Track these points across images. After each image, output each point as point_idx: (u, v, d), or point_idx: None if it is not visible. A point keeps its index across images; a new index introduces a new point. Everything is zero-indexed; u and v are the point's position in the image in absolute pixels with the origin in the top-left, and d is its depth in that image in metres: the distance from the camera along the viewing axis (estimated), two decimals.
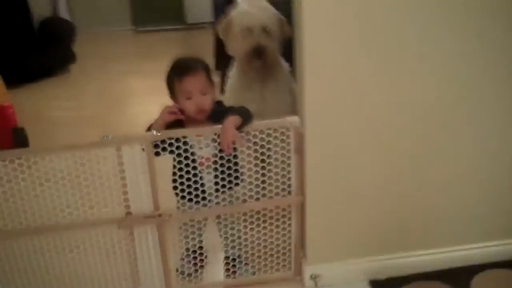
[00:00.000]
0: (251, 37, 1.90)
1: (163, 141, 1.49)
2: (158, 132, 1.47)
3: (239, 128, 1.48)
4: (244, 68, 1.99)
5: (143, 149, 1.47)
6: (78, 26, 4.58)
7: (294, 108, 1.97)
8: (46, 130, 3.05)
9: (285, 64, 2.06)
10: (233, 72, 2.07)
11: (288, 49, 2.01)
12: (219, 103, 1.62)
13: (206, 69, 1.56)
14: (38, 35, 4.17)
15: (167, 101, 1.58)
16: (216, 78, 2.42)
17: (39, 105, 3.52)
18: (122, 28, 5.60)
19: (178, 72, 1.53)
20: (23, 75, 3.85)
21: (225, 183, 1.58)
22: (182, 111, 1.53)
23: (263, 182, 1.64)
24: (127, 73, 4.17)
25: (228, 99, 2.06)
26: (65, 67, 4.23)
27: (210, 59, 3.89)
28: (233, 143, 1.47)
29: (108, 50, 4.93)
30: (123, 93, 3.75)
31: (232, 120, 1.47)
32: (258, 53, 1.90)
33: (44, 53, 4.02)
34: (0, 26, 3.84)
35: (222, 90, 2.55)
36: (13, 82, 3.67)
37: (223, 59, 3.42)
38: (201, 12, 5.47)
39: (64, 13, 4.97)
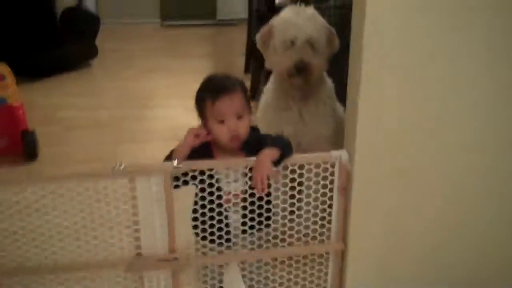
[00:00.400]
0: (293, 50, 1.65)
1: (184, 173, 1.26)
2: (180, 163, 1.24)
3: (277, 163, 1.26)
4: (283, 85, 1.75)
5: None
6: (104, 16, 4.39)
7: (336, 133, 1.73)
8: (58, 133, 2.83)
9: (328, 81, 1.81)
10: (268, 88, 1.82)
11: (332, 63, 1.76)
12: (254, 130, 1.38)
13: (244, 90, 1.32)
14: (59, 26, 3.98)
15: (191, 105, 1.35)
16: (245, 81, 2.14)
17: (54, 102, 3.31)
18: (149, 21, 5.40)
19: (211, 91, 1.30)
20: (40, 69, 3.66)
21: (253, 223, 1.35)
22: (209, 134, 1.31)
23: (298, 224, 1.41)
24: (150, 70, 3.95)
25: (260, 118, 1.82)
26: (85, 62, 4.04)
27: (239, 59, 3.67)
28: (268, 179, 1.24)
29: (132, 44, 4.72)
30: (144, 93, 3.52)
31: (269, 154, 1.25)
32: (300, 69, 1.65)
33: (64, 46, 3.83)
34: (20, 16, 3.64)
35: (251, 96, 2.31)
36: (29, 76, 3.51)
37: (254, 61, 3.16)
38: (233, 8, 5.23)
39: (91, 3, 4.79)
